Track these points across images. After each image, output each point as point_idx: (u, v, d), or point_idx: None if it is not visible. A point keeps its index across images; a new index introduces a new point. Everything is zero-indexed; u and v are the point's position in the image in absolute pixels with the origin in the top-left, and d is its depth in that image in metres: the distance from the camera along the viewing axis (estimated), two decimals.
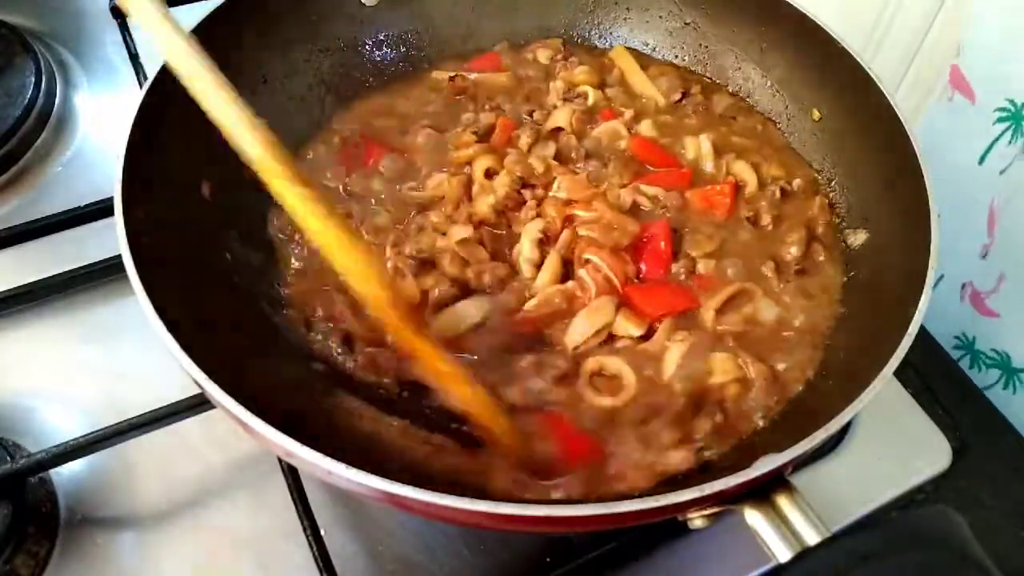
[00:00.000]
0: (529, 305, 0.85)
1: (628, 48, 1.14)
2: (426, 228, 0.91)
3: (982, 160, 1.17)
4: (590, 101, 1.06)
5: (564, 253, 0.88)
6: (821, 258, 0.92)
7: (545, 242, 0.89)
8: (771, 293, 0.88)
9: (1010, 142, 1.12)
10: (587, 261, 0.86)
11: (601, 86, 1.09)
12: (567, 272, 0.87)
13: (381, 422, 0.77)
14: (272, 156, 0.63)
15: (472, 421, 0.73)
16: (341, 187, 0.96)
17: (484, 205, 0.91)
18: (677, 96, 1.08)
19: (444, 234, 0.89)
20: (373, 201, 0.95)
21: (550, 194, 0.92)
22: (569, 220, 0.90)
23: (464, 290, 0.85)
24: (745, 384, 0.80)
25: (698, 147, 1.01)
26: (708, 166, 1.00)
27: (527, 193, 0.93)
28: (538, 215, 0.91)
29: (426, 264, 0.88)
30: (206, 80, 0.63)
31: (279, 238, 0.91)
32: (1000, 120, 1.13)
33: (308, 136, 1.01)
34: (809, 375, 0.82)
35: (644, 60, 1.13)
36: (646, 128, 1.04)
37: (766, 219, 0.94)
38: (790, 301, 0.88)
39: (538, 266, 0.87)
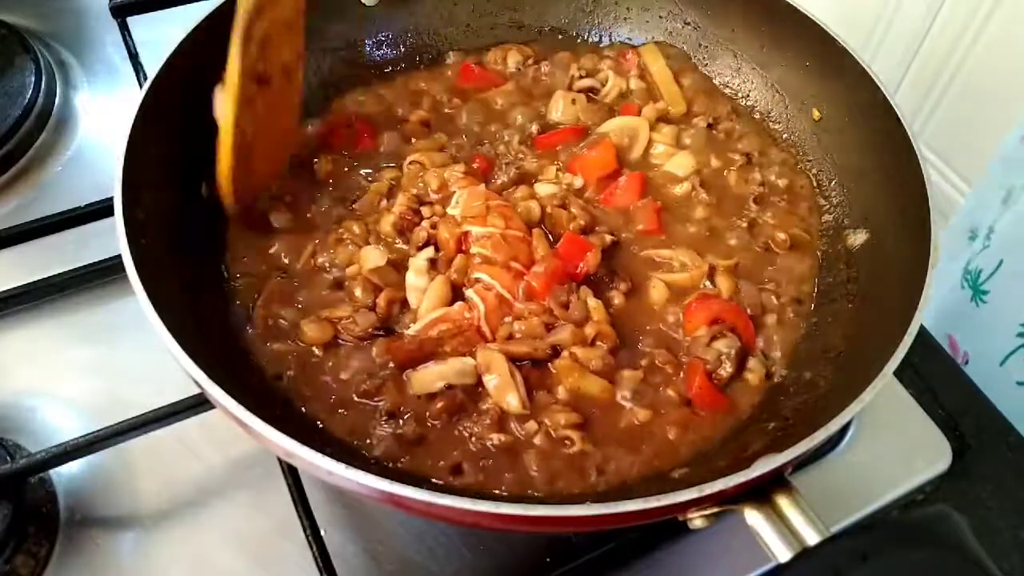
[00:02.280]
0: (411, 330, 0.82)
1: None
2: (345, 239, 0.89)
3: None
4: (608, 87, 1.07)
5: (457, 277, 0.84)
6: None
7: (438, 267, 0.86)
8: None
9: None
10: (477, 280, 0.83)
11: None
12: (458, 295, 0.84)
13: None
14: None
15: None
16: (317, 163, 0.96)
17: (386, 224, 0.89)
18: (707, 121, 1.06)
19: (362, 246, 0.88)
20: (332, 184, 0.96)
21: (448, 210, 0.89)
22: (464, 238, 0.87)
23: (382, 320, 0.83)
24: None
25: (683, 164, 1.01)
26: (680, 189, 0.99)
27: (426, 210, 0.90)
28: (430, 238, 0.88)
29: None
30: None
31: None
32: None
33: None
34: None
35: (679, 70, 1.12)
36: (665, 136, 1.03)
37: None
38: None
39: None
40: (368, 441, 0.75)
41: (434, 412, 0.77)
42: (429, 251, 0.87)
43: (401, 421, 0.76)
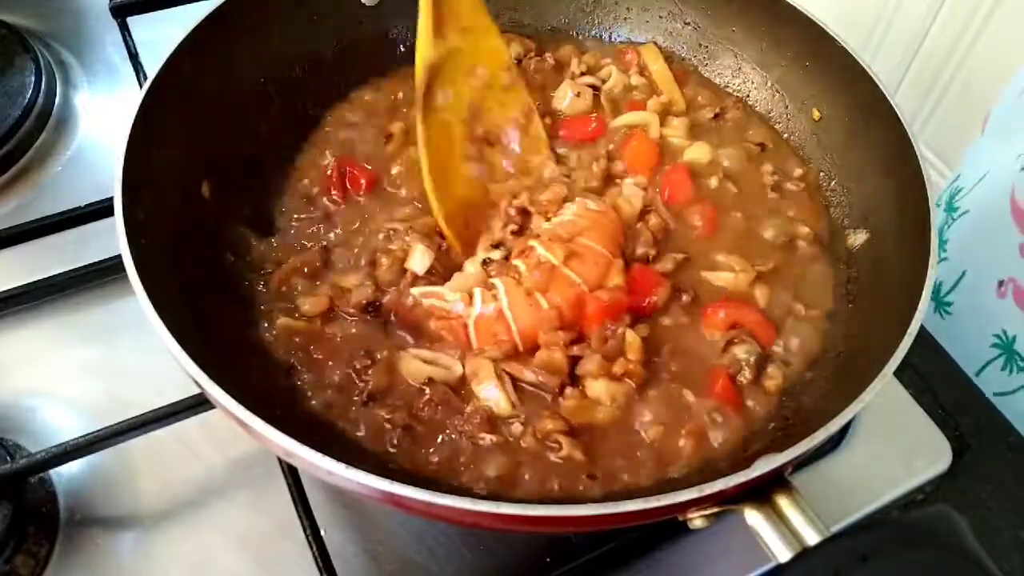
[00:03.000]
0: (416, 290, 0.82)
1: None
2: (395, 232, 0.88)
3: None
4: (610, 83, 1.06)
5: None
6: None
7: (488, 270, 0.84)
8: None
9: None
10: (492, 285, 0.81)
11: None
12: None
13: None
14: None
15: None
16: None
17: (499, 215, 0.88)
18: (711, 115, 1.05)
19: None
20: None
21: (544, 226, 0.86)
22: (525, 253, 0.84)
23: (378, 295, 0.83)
24: None
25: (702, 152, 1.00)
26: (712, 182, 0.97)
27: (536, 221, 0.88)
28: (503, 242, 0.87)
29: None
30: None
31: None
32: None
33: (305, 141, 1.01)
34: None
35: (679, 72, 1.11)
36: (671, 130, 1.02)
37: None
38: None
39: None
40: (369, 436, 0.75)
41: (419, 405, 0.77)
42: (494, 253, 0.85)
43: (395, 410, 0.76)
